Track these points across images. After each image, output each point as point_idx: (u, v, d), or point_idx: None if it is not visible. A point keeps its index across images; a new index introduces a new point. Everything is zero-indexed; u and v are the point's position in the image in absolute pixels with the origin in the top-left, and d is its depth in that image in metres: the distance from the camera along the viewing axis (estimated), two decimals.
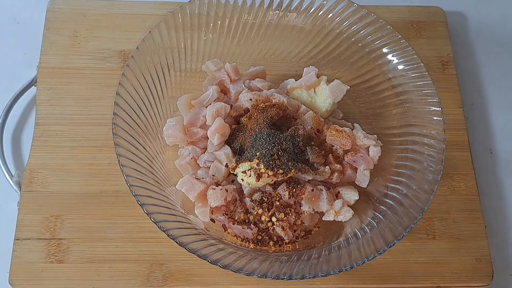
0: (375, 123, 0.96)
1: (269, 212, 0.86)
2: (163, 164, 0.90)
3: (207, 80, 0.96)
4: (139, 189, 0.81)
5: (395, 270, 0.90)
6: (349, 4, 0.95)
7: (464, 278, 0.90)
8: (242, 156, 0.87)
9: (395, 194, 0.86)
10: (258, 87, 0.95)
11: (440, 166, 0.83)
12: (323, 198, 0.87)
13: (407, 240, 0.91)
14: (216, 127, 0.88)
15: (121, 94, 0.86)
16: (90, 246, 0.89)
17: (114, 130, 0.83)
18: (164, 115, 0.93)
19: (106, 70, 1.02)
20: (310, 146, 0.89)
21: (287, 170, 0.85)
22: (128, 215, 0.91)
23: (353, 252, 0.80)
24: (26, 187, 0.93)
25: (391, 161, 0.91)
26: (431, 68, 1.04)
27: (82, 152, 0.95)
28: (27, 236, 0.90)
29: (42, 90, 1.00)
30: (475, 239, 0.93)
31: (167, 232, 0.78)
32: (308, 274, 0.77)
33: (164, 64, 0.93)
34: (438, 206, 0.94)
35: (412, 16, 1.10)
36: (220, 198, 0.86)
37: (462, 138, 1.00)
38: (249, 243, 0.86)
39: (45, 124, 0.97)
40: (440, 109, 0.87)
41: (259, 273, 0.77)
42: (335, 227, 0.88)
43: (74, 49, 1.03)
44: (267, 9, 0.97)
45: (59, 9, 1.06)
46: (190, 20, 0.94)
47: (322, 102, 0.95)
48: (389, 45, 0.93)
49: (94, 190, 0.93)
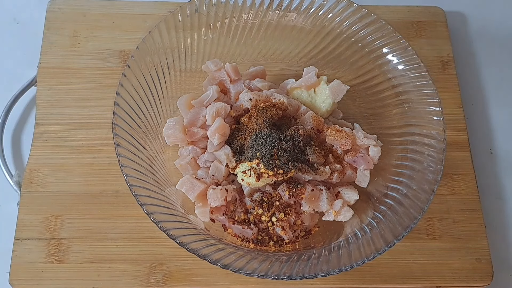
0: (375, 123, 0.96)
1: (269, 212, 0.86)
2: (163, 164, 0.90)
3: (207, 80, 0.96)
4: (139, 189, 0.81)
5: (395, 270, 0.90)
6: (349, 4, 0.95)
7: (464, 278, 0.90)
8: (242, 156, 0.87)
9: (395, 194, 0.86)
10: (258, 87, 0.95)
11: (440, 166, 0.83)
12: (323, 198, 0.87)
13: (407, 240, 0.91)
14: (216, 127, 0.88)
15: (121, 94, 0.86)
16: (90, 246, 0.89)
17: (114, 130, 0.83)
18: (164, 115, 0.93)
19: (106, 70, 1.02)
20: (310, 146, 0.89)
21: (287, 170, 0.85)
22: (128, 215, 0.91)
23: (353, 252, 0.80)
24: (26, 187, 0.93)
25: (391, 161, 0.91)
26: (431, 68, 1.04)
27: (82, 152, 0.95)
28: (27, 236, 0.90)
29: (42, 90, 1.00)
30: (475, 239, 0.93)
31: (167, 232, 0.78)
32: (308, 274, 0.77)
33: (164, 64, 0.93)
34: (438, 206, 0.94)
35: (412, 16, 1.10)
36: (220, 198, 0.86)
37: (462, 138, 1.00)
38: (249, 243, 0.86)
39: (45, 124, 0.97)
40: (440, 109, 0.88)
41: (259, 273, 0.77)
42: (335, 227, 0.88)
43: (74, 49, 1.03)
44: (267, 9, 0.97)
45: (59, 9, 1.06)
46: (190, 20, 0.94)
47: (322, 102, 0.95)
48: (389, 45, 0.93)
49: (94, 190, 0.93)
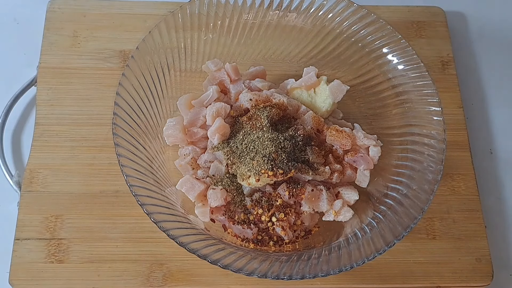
0: (375, 123, 0.96)
1: (269, 212, 0.86)
2: (163, 164, 0.90)
3: (207, 80, 0.96)
4: (139, 189, 0.81)
5: (395, 270, 0.90)
6: (349, 4, 0.95)
7: (464, 278, 0.90)
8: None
9: (395, 194, 0.86)
10: (258, 87, 0.95)
11: (440, 166, 0.83)
12: (323, 198, 0.87)
13: (407, 240, 0.91)
14: (216, 127, 0.88)
15: (121, 94, 0.86)
16: (90, 246, 0.89)
17: (114, 130, 0.83)
18: (164, 115, 0.93)
19: (106, 70, 1.02)
20: (310, 146, 0.89)
21: (287, 170, 0.85)
22: (128, 215, 0.91)
23: (353, 252, 0.80)
24: (26, 187, 0.93)
25: (391, 161, 0.91)
26: (431, 68, 1.04)
27: (82, 152, 0.95)
28: (27, 236, 0.90)
29: (42, 90, 1.00)
30: (475, 239, 0.93)
31: (167, 232, 0.78)
32: (308, 274, 0.77)
33: (164, 64, 0.93)
34: (438, 206, 0.94)
35: (412, 16, 1.10)
36: (220, 198, 0.86)
37: (462, 138, 1.00)
38: (249, 243, 0.86)
39: (45, 124, 0.97)
40: (440, 109, 0.88)
41: (259, 273, 0.77)
42: (335, 227, 0.88)
43: (74, 49, 1.03)
44: (267, 9, 0.97)
45: (59, 9, 1.07)
46: (190, 20, 0.94)
47: (322, 102, 0.95)
48: (389, 45, 0.93)
49: (94, 190, 0.93)
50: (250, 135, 0.88)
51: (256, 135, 0.87)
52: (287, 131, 0.89)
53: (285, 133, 0.88)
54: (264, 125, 0.88)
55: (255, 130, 0.88)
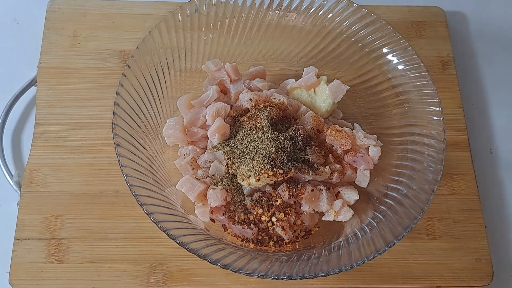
0: (375, 123, 0.96)
1: (269, 212, 0.86)
2: (163, 164, 0.90)
3: (207, 80, 0.96)
4: (139, 189, 0.81)
5: (395, 270, 0.90)
6: (349, 4, 0.95)
7: (464, 278, 0.90)
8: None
9: (395, 194, 0.86)
10: (258, 87, 0.95)
11: (440, 166, 0.83)
12: (323, 198, 0.87)
13: (407, 240, 0.91)
14: (216, 127, 0.88)
15: (121, 94, 0.86)
16: (90, 246, 0.89)
17: (114, 130, 0.83)
18: (164, 115, 0.93)
19: (106, 70, 1.02)
20: (310, 146, 0.89)
21: (287, 170, 0.85)
22: (128, 215, 0.91)
23: (353, 252, 0.80)
24: (26, 187, 0.93)
25: (391, 161, 0.91)
26: (431, 68, 1.04)
27: (82, 152, 0.96)
28: (27, 236, 0.90)
29: (42, 90, 1.00)
30: (475, 239, 0.93)
31: (167, 232, 0.78)
32: (308, 274, 0.77)
33: (164, 64, 0.93)
34: (438, 206, 0.94)
35: (412, 16, 1.10)
36: (220, 198, 0.86)
37: (462, 138, 1.00)
38: (249, 243, 0.86)
39: (45, 124, 0.97)
40: (440, 109, 0.88)
41: (259, 273, 0.77)
42: (335, 227, 0.88)
43: (74, 49, 1.03)
44: (267, 9, 0.97)
45: (59, 9, 1.07)
46: (190, 20, 0.94)
47: (322, 102, 0.95)
48: (389, 45, 0.93)
49: (94, 190, 0.93)
50: (250, 135, 0.88)
51: (256, 135, 0.87)
52: (287, 131, 0.89)
53: (285, 133, 0.88)
54: (264, 125, 0.88)
55: (255, 130, 0.88)
